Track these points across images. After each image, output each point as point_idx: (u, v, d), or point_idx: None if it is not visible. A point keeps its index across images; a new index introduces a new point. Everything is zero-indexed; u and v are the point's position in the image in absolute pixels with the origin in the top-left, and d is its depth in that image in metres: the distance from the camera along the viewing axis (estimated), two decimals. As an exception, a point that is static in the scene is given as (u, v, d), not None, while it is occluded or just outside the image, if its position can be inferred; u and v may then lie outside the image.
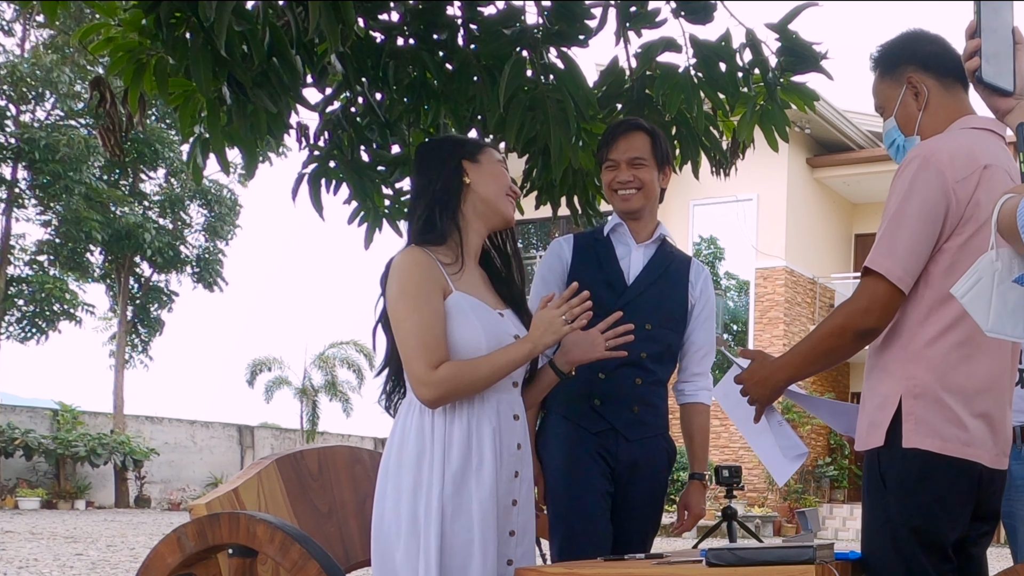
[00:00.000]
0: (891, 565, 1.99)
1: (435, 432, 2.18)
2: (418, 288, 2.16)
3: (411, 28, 3.25)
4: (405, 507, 2.17)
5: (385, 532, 2.20)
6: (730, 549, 1.90)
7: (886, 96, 2.15)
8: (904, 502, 1.96)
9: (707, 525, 13.28)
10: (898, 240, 1.93)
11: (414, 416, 2.21)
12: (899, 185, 1.98)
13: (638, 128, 2.75)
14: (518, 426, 2.29)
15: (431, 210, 2.27)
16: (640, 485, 2.74)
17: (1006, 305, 1.60)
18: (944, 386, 1.96)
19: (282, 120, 3.19)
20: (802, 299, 18.84)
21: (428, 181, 2.30)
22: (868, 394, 2.07)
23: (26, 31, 19.48)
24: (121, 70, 3.09)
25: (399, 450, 2.21)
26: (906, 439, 1.95)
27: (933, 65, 2.09)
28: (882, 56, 2.16)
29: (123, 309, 21.23)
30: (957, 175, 1.94)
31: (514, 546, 2.28)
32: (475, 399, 2.21)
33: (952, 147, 1.96)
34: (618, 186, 2.73)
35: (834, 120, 17.62)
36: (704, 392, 2.86)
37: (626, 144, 2.73)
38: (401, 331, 2.16)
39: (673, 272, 2.80)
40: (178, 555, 2.21)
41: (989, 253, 1.62)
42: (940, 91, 2.09)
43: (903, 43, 2.14)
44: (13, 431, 17.58)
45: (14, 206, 19.52)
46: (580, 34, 3.15)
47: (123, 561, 9.19)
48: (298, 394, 24.15)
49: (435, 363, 2.13)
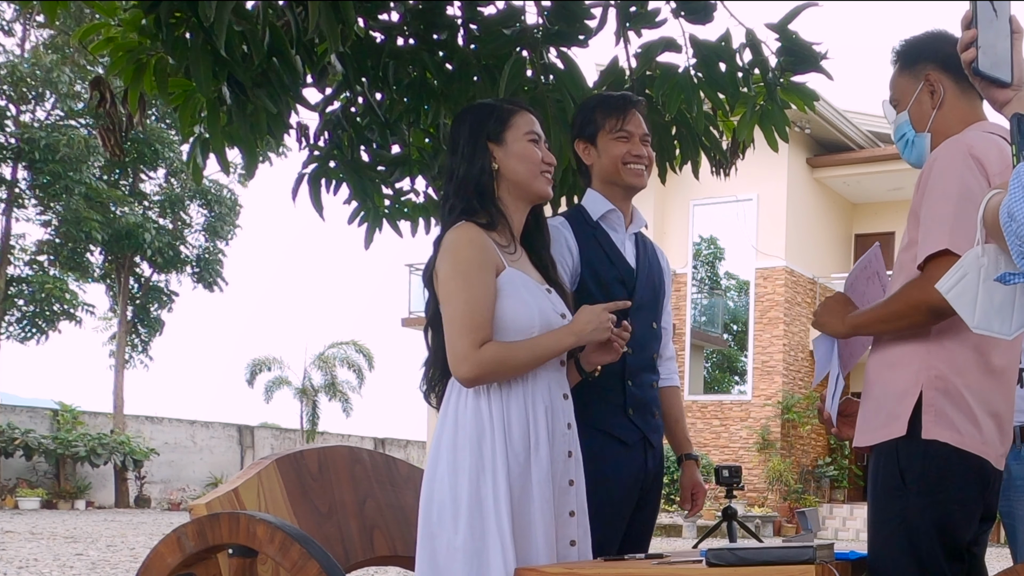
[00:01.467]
0: (904, 566, 1.97)
1: (492, 413, 2.14)
2: (470, 265, 2.12)
3: (411, 28, 3.25)
4: (466, 489, 2.11)
5: (438, 514, 2.14)
6: (730, 549, 1.90)
7: (903, 90, 2.15)
8: (925, 500, 1.95)
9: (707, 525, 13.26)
10: (954, 220, 1.90)
11: (468, 398, 2.16)
12: (941, 172, 1.95)
13: (642, 104, 2.66)
14: (567, 405, 2.27)
15: (467, 199, 2.21)
16: (655, 491, 2.68)
17: (992, 301, 1.60)
18: (964, 382, 1.96)
19: (282, 120, 3.19)
20: (802, 299, 18.84)
21: (454, 165, 2.24)
22: (881, 388, 2.04)
23: (26, 31, 19.50)
24: (121, 70, 3.09)
25: (454, 432, 2.15)
26: (926, 430, 1.95)
27: (953, 67, 2.07)
28: (904, 50, 2.16)
29: (123, 309, 21.23)
30: (995, 168, 1.94)
31: (575, 526, 2.25)
32: (528, 378, 2.18)
33: (986, 143, 1.97)
34: (633, 160, 2.58)
35: (834, 120, 17.62)
36: (675, 375, 2.80)
37: (639, 119, 2.61)
38: (449, 307, 2.12)
39: (652, 260, 2.71)
40: (178, 555, 2.21)
41: (975, 249, 1.62)
42: (956, 93, 2.09)
43: (926, 41, 2.14)
44: (13, 431, 17.59)
45: (14, 206, 19.53)
46: (580, 34, 3.15)
47: (123, 561, 9.19)
48: (298, 394, 24.16)
49: (480, 342, 2.09)
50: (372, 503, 2.71)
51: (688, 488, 2.81)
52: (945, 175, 1.94)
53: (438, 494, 2.14)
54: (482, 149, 2.22)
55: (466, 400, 2.16)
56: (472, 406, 2.15)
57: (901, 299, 1.97)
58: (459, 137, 2.25)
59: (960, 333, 1.95)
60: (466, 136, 2.23)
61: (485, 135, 2.22)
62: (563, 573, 2.07)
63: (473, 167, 2.21)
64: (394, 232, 3.81)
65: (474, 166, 2.21)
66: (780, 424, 18.24)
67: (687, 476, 2.80)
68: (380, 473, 2.75)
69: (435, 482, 2.16)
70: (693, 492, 2.81)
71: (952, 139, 2.01)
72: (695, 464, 2.79)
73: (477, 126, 2.23)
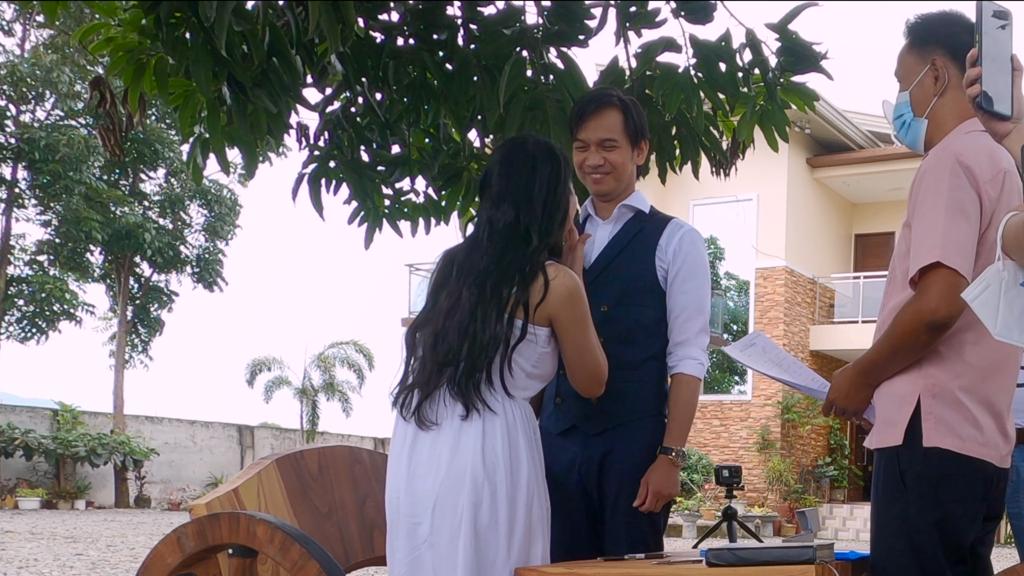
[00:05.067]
0: (906, 568, 1.97)
1: (530, 425, 2.32)
2: (588, 311, 2.30)
3: (411, 28, 3.25)
4: (523, 505, 2.25)
5: (489, 520, 2.19)
6: (730, 549, 1.90)
7: (908, 69, 2.12)
8: (925, 502, 1.95)
9: (707, 525, 13.28)
10: (944, 231, 1.90)
11: (514, 407, 2.26)
12: (931, 183, 1.95)
13: (608, 104, 2.54)
14: None
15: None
16: (614, 483, 2.54)
17: (1012, 311, 1.64)
18: (961, 385, 1.96)
19: (282, 120, 3.19)
20: (802, 299, 18.85)
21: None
22: (880, 393, 2.06)
23: (26, 31, 19.49)
24: (121, 70, 3.09)
25: (505, 439, 2.24)
26: (926, 438, 1.95)
27: (961, 56, 2.05)
28: (916, 27, 2.12)
29: (123, 309, 21.23)
30: (985, 175, 1.94)
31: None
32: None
33: (975, 148, 1.97)
34: (589, 169, 2.57)
35: (834, 120, 17.62)
36: (687, 362, 2.57)
37: (596, 123, 2.53)
38: (588, 349, 2.31)
39: (640, 242, 2.60)
40: (178, 555, 2.21)
41: (996, 264, 1.67)
42: (959, 84, 2.05)
43: (940, 23, 2.10)
44: (13, 431, 17.58)
45: (14, 206, 19.52)
46: (580, 34, 3.15)
47: (123, 561, 9.19)
48: (298, 394, 24.14)
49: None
50: (372, 503, 2.72)
51: (643, 481, 2.54)
52: (935, 187, 1.95)
53: (492, 504, 2.17)
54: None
55: (513, 409, 2.24)
56: (521, 420, 2.25)
57: (898, 326, 1.97)
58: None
59: (961, 336, 1.95)
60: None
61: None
62: (563, 573, 2.08)
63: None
64: (394, 232, 3.81)
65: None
66: (780, 424, 18.25)
67: (649, 469, 2.54)
68: (380, 473, 2.74)
69: (487, 490, 2.17)
70: (646, 486, 2.54)
71: (941, 147, 2.01)
72: (665, 460, 2.53)
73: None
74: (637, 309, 2.57)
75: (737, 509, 6.62)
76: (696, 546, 6.38)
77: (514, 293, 2.20)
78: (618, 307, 2.56)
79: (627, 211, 2.64)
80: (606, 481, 2.55)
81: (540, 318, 2.22)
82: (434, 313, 2.28)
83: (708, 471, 17.44)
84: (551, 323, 2.24)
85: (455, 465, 2.16)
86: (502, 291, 2.20)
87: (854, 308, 19.16)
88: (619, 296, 2.57)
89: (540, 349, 2.25)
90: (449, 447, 2.18)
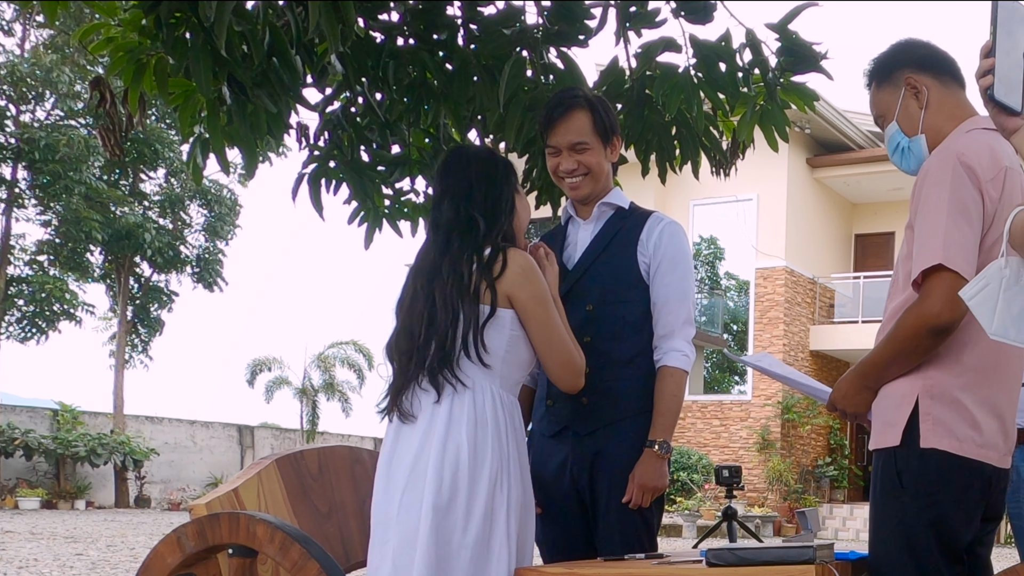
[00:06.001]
0: (903, 567, 1.97)
1: (506, 411, 2.33)
2: (547, 291, 2.31)
3: (411, 28, 3.25)
4: (485, 488, 2.24)
5: (449, 502, 2.18)
6: (730, 549, 1.90)
7: (886, 104, 2.15)
8: (922, 502, 1.95)
9: (707, 525, 13.30)
10: (946, 233, 1.90)
11: (487, 395, 2.26)
12: (933, 184, 1.95)
13: (575, 106, 2.52)
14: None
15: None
16: (604, 483, 2.52)
17: (1010, 310, 1.64)
18: (960, 386, 1.97)
19: (282, 120, 3.19)
20: (802, 299, 18.85)
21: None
22: (879, 393, 2.06)
23: (26, 31, 19.50)
24: (121, 70, 3.09)
25: (474, 426, 2.25)
26: (924, 439, 1.95)
27: (929, 65, 2.10)
28: (876, 67, 2.17)
29: (123, 309, 21.23)
30: (987, 175, 1.95)
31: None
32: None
33: (976, 147, 1.97)
34: (564, 174, 2.57)
35: (834, 120, 17.63)
36: (672, 354, 2.54)
37: (564, 127, 2.52)
38: (554, 330, 2.30)
39: (621, 239, 2.60)
40: (178, 555, 2.21)
41: (999, 260, 1.66)
42: (939, 89, 2.09)
43: (895, 50, 2.16)
44: (13, 431, 17.58)
45: (14, 206, 19.53)
46: (580, 34, 3.15)
47: (123, 561, 9.20)
48: (298, 394, 24.15)
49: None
50: (372, 503, 2.71)
51: (630, 476, 2.52)
52: (937, 188, 1.95)
53: (452, 482, 2.16)
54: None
55: (490, 385, 2.25)
56: (491, 404, 2.23)
57: (900, 330, 1.97)
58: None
59: (955, 336, 1.95)
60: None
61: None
62: (563, 573, 2.08)
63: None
64: (394, 232, 3.81)
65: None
66: (780, 424, 18.25)
67: (636, 464, 2.52)
68: (380, 473, 2.75)
69: (448, 468, 2.16)
70: (634, 481, 2.51)
71: (943, 147, 2.01)
72: (650, 454, 2.50)
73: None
74: (622, 306, 2.57)
75: (737, 509, 6.62)
76: (696, 546, 6.38)
77: (474, 271, 2.24)
78: (603, 305, 2.56)
79: (607, 209, 2.64)
80: (597, 480, 2.54)
81: (501, 298, 2.25)
82: (402, 320, 2.33)
83: (708, 471, 17.45)
84: (511, 304, 2.26)
85: (423, 452, 2.19)
86: (461, 273, 2.24)
87: (854, 308, 19.17)
88: (603, 294, 2.57)
89: (509, 331, 2.26)
90: (421, 434, 2.21)
